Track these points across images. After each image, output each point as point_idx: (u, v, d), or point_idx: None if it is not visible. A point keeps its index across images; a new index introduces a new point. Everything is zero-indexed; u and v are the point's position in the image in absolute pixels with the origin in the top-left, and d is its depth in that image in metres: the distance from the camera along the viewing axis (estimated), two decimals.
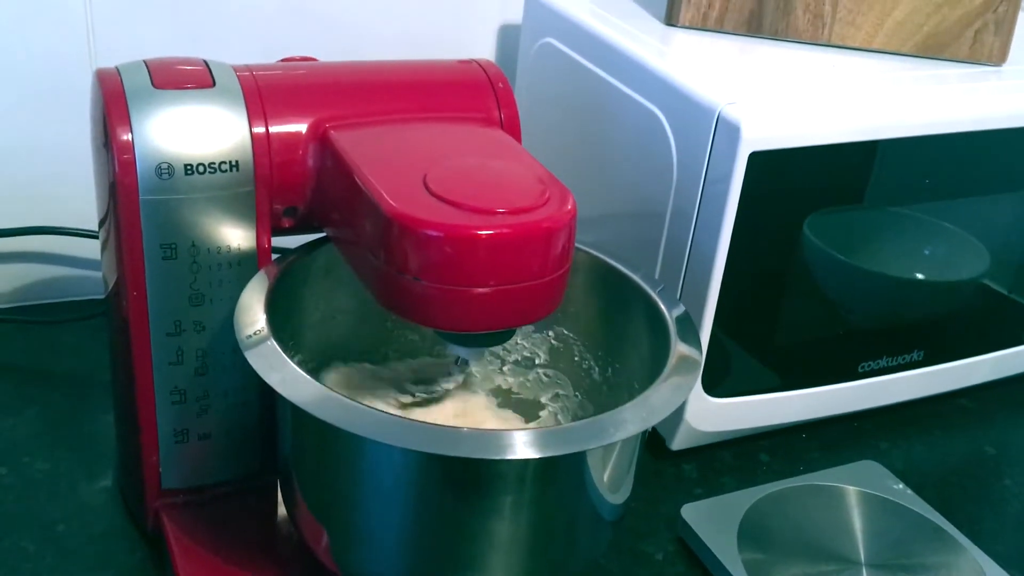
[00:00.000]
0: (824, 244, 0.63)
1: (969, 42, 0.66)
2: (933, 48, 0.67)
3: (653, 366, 0.49)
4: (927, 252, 0.68)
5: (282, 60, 0.57)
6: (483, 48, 0.82)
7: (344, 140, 0.49)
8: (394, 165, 0.47)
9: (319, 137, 0.50)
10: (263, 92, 0.50)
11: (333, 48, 0.73)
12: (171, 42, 0.72)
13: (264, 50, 0.72)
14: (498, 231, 0.42)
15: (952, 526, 0.60)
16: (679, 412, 0.63)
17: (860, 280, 0.66)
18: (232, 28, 0.74)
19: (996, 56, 0.66)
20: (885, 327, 0.68)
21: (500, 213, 0.43)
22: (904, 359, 0.69)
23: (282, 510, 0.55)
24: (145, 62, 0.50)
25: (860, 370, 0.67)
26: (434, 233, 0.42)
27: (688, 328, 0.50)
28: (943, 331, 0.70)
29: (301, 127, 0.50)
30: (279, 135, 0.50)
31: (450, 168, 0.46)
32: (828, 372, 0.66)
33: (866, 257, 0.65)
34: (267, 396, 0.53)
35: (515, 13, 0.80)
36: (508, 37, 0.82)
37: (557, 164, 0.72)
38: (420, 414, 0.55)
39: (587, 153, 0.70)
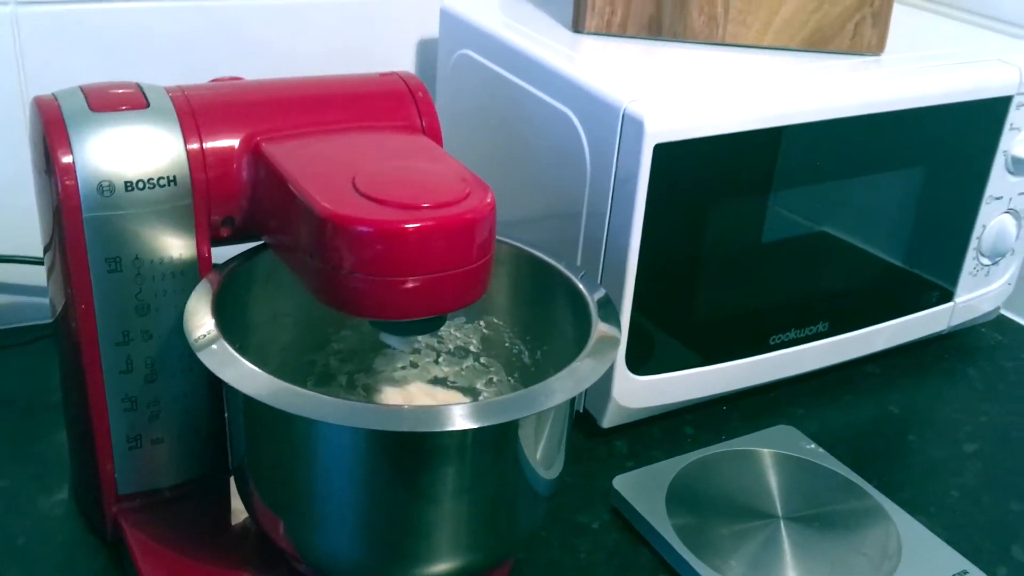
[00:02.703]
0: (730, 227, 0.68)
1: (850, 35, 0.72)
2: (818, 42, 0.72)
3: (578, 346, 0.53)
4: (827, 229, 0.73)
5: (211, 81, 0.60)
6: (404, 61, 0.86)
7: (276, 151, 0.53)
8: (324, 171, 0.50)
9: (252, 150, 0.53)
10: (196, 110, 0.53)
11: (259, 68, 0.76)
12: (100, 69, 0.74)
13: (191, 72, 0.74)
14: (424, 224, 0.46)
15: (861, 478, 0.65)
16: (607, 391, 0.67)
17: (767, 259, 0.71)
18: (159, 53, 0.76)
19: (875, 46, 0.72)
20: (792, 302, 0.73)
21: (425, 208, 0.47)
22: (811, 330, 0.74)
23: (236, 505, 0.57)
24: (81, 88, 0.53)
25: (771, 343, 0.72)
26: (365, 229, 0.46)
27: (608, 309, 0.55)
28: (846, 303, 0.76)
29: (234, 141, 0.53)
30: (213, 150, 0.53)
31: (377, 170, 0.50)
32: (742, 346, 0.71)
33: (771, 237, 0.70)
34: (216, 396, 0.56)
35: (432, 27, 0.84)
36: (427, 50, 0.86)
37: (479, 169, 0.76)
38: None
39: (507, 156, 0.74)
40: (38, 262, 0.72)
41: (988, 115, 0.74)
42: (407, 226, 0.46)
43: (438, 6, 0.80)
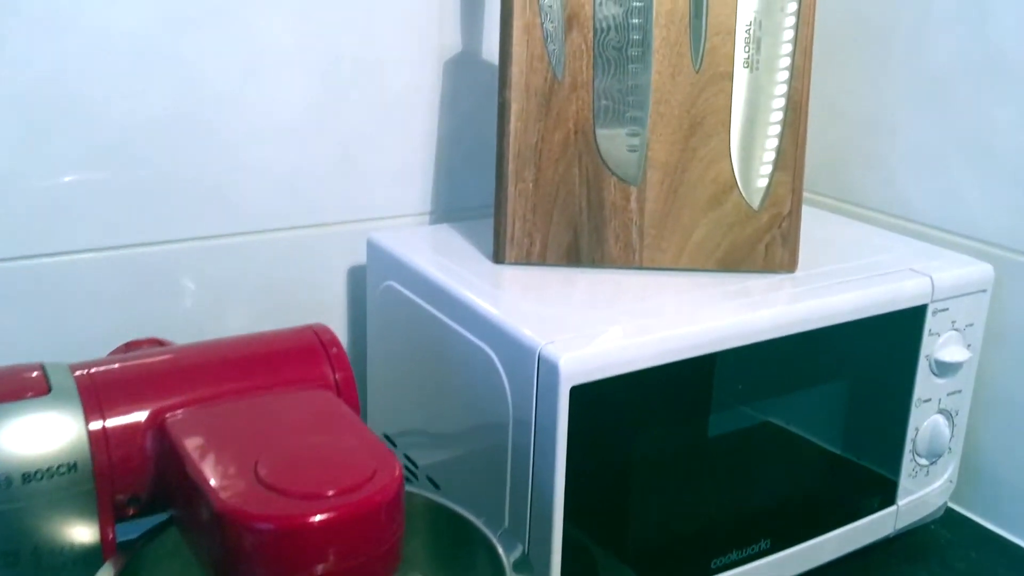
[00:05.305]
0: (658, 454, 0.67)
1: (762, 255, 0.74)
2: (731, 263, 0.74)
3: None
4: (760, 439, 0.73)
5: (128, 343, 0.60)
6: (337, 289, 0.87)
7: (180, 427, 0.52)
8: (226, 453, 0.49)
9: (157, 425, 0.53)
10: (100, 389, 0.53)
11: (193, 307, 0.76)
12: (19, 333, 0.73)
13: (113, 331, 0.72)
14: (327, 516, 0.45)
15: None
16: None
17: (700, 480, 0.70)
18: (79, 316, 0.75)
19: (787, 264, 0.74)
20: (730, 521, 0.72)
21: (328, 496, 0.46)
22: (754, 549, 0.72)
23: None
24: None
25: (713, 567, 0.71)
26: (265, 526, 0.45)
27: (524, 567, 0.53)
28: (786, 515, 0.75)
29: (139, 417, 0.53)
30: (116, 429, 0.52)
31: (280, 450, 0.49)
32: (683, 573, 0.70)
33: (700, 461, 0.70)
34: None
35: (363, 256, 0.85)
36: (359, 276, 0.87)
37: (406, 396, 0.76)
38: None
39: (433, 388, 0.74)
40: None
41: (907, 323, 0.75)
42: (309, 520, 0.45)
43: (366, 237, 0.82)
